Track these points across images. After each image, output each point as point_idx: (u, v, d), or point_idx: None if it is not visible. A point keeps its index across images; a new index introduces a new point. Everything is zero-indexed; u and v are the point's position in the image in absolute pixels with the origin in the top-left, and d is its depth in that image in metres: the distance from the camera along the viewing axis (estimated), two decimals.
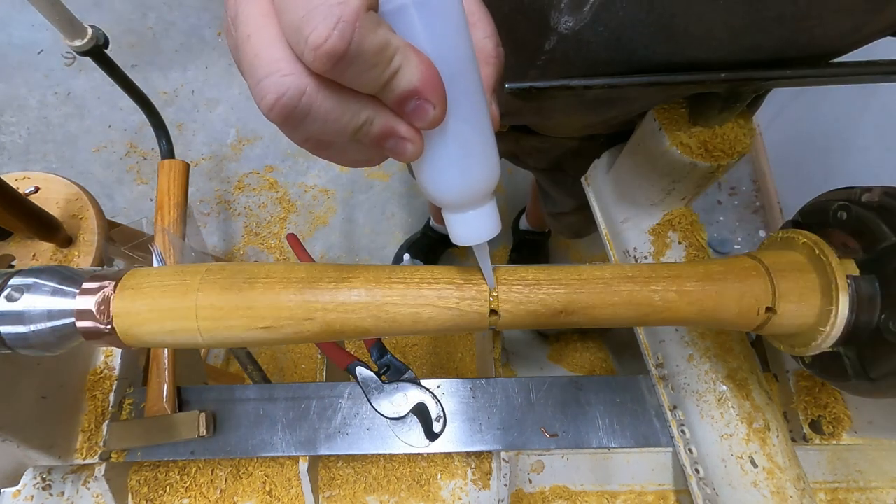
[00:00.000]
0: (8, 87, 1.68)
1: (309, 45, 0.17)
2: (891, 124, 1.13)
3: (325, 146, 0.23)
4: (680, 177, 0.46)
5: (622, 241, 0.54)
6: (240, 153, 1.64)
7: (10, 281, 0.28)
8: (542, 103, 0.48)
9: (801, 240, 0.35)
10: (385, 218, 1.58)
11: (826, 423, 0.49)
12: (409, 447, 0.49)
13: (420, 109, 0.20)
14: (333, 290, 0.29)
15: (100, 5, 1.78)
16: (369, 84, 0.19)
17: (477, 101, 0.23)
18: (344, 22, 0.16)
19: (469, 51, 0.22)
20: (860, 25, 0.32)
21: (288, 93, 0.18)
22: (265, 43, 0.18)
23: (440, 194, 0.26)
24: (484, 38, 0.24)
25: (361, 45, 0.17)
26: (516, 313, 0.31)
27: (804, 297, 0.33)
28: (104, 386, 0.53)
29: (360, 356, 0.49)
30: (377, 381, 0.49)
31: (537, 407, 0.52)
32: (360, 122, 0.20)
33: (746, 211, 1.60)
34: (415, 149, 0.22)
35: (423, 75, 0.19)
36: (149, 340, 0.29)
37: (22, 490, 0.49)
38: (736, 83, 0.36)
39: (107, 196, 1.56)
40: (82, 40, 0.72)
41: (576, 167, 0.64)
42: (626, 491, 0.52)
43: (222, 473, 0.52)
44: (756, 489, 0.42)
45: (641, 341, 0.54)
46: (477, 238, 0.28)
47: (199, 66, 1.74)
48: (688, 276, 0.32)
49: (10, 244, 0.64)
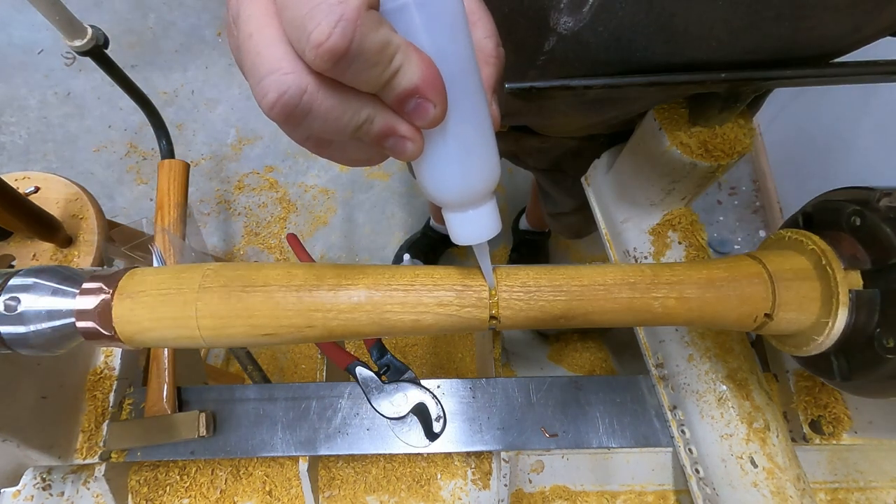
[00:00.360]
0: (8, 87, 1.68)
1: (310, 43, 0.17)
2: (891, 124, 1.13)
3: (325, 145, 0.23)
4: (680, 177, 0.46)
5: (622, 241, 0.54)
6: (240, 153, 1.64)
7: (10, 281, 0.28)
8: (542, 103, 0.48)
9: (809, 245, 0.34)
10: (385, 218, 1.58)
11: (826, 423, 0.49)
12: (409, 447, 0.49)
13: (420, 108, 0.20)
14: (333, 295, 0.29)
15: (100, 5, 1.78)
16: (370, 83, 0.19)
17: (477, 100, 0.23)
18: (345, 20, 0.16)
19: (469, 50, 0.22)
20: (860, 25, 0.32)
21: (289, 91, 0.18)
22: (266, 42, 0.18)
23: (440, 193, 0.26)
24: (484, 38, 0.24)
25: (362, 43, 0.17)
26: (516, 319, 0.31)
27: (803, 307, 0.33)
28: (104, 386, 0.53)
29: (360, 356, 0.49)
30: (377, 381, 0.49)
31: (537, 407, 0.52)
32: (361, 121, 0.20)
33: (746, 211, 1.60)
34: (415, 148, 0.22)
35: (423, 74, 0.19)
36: (148, 340, 0.29)
37: (22, 490, 0.49)
38: (736, 83, 0.36)
39: (107, 196, 1.56)
40: (82, 40, 0.72)
41: (576, 167, 0.64)
42: (626, 491, 0.52)
43: (222, 473, 0.52)
44: (756, 489, 0.42)
45: (641, 341, 0.54)
46: (477, 237, 0.28)
47: (199, 66, 1.74)
48: (689, 281, 0.32)
49: (10, 244, 0.64)
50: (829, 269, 0.32)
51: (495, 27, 0.25)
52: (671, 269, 0.33)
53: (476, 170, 0.25)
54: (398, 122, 0.21)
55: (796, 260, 0.34)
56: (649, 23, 0.32)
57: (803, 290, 0.33)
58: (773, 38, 0.32)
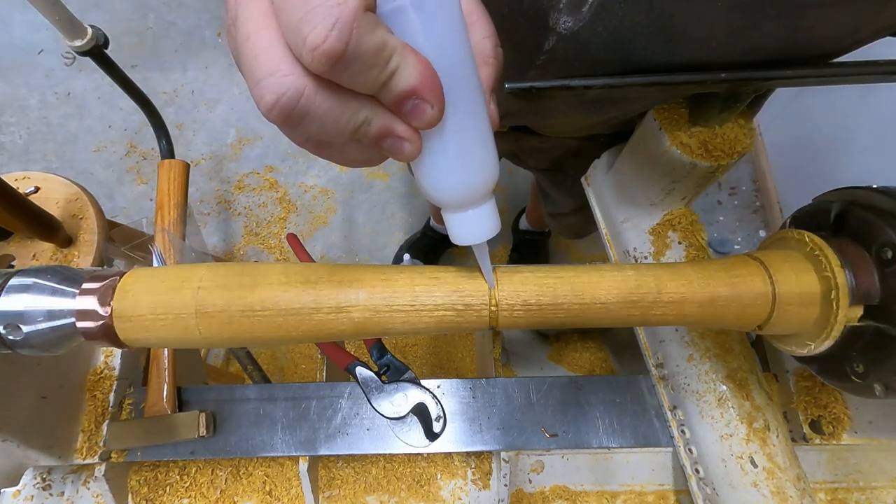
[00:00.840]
0: (8, 87, 1.68)
1: (307, 45, 0.17)
2: (891, 124, 1.13)
3: (324, 146, 0.23)
4: (680, 177, 0.46)
5: (622, 241, 0.54)
6: (240, 153, 1.64)
7: (10, 281, 0.28)
8: (542, 103, 0.48)
9: (824, 272, 0.32)
10: (385, 218, 1.58)
11: (826, 423, 0.49)
12: (409, 447, 0.49)
13: (418, 109, 0.20)
14: (334, 295, 0.29)
15: (100, 5, 1.78)
16: (367, 84, 0.19)
17: (475, 101, 0.23)
18: (342, 23, 0.16)
19: (467, 51, 0.22)
20: (860, 25, 0.32)
21: (287, 93, 0.18)
22: (264, 44, 0.18)
23: (439, 194, 0.26)
24: (483, 39, 0.25)
25: (359, 45, 0.17)
26: (516, 319, 0.31)
27: (798, 328, 0.33)
28: (104, 386, 0.53)
29: (360, 356, 0.49)
30: (377, 381, 0.49)
31: (537, 407, 0.52)
32: (359, 122, 0.20)
33: (746, 211, 1.60)
34: (413, 148, 0.22)
35: (420, 75, 0.20)
36: (148, 340, 0.29)
37: (22, 490, 0.49)
38: (736, 83, 0.36)
39: (107, 196, 1.56)
40: (82, 40, 0.72)
41: (576, 167, 0.64)
42: (626, 491, 0.52)
43: (222, 473, 0.52)
44: (756, 489, 0.42)
45: (641, 341, 0.54)
46: (476, 237, 0.28)
47: (199, 66, 1.74)
48: (692, 300, 0.31)
49: (10, 244, 0.64)
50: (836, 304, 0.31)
51: (494, 28, 0.25)
52: (675, 283, 0.32)
53: (475, 170, 0.25)
54: (396, 123, 0.21)
55: (807, 281, 0.32)
56: (649, 23, 0.32)
57: (802, 315, 0.32)
58: (773, 38, 0.32)
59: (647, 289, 0.31)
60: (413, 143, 0.22)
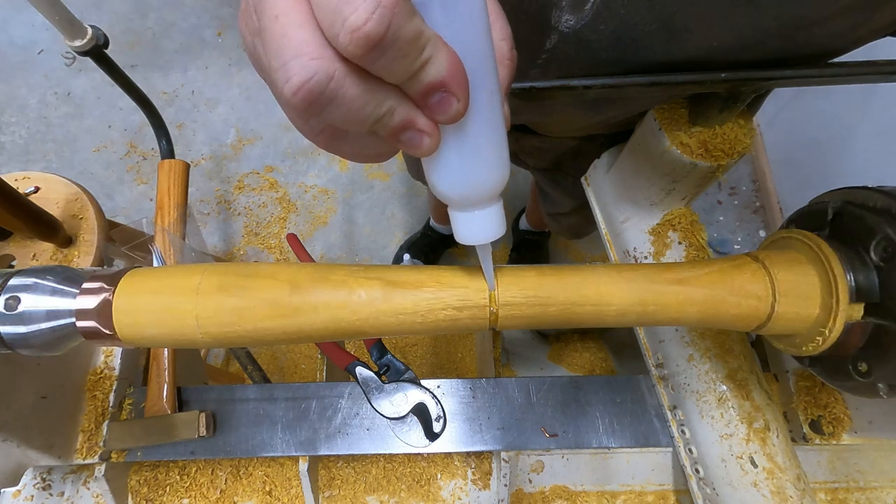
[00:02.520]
0: (8, 87, 1.68)
1: (346, 27, 0.16)
2: (891, 124, 1.13)
3: (338, 137, 0.23)
4: (680, 177, 0.46)
5: (622, 241, 0.54)
6: (240, 153, 1.64)
7: (10, 281, 0.28)
8: (542, 102, 0.48)
9: (826, 276, 0.32)
10: (385, 218, 1.58)
11: (826, 423, 0.49)
12: (409, 447, 0.49)
13: (444, 102, 0.20)
14: (334, 295, 0.29)
15: (100, 5, 1.78)
16: (398, 72, 0.19)
17: (494, 99, 0.23)
18: (383, 7, 0.16)
19: (490, 49, 0.22)
20: (859, 24, 0.32)
21: (316, 76, 0.18)
22: (295, 24, 0.18)
23: (449, 191, 0.25)
24: (500, 41, 0.24)
25: (398, 31, 0.17)
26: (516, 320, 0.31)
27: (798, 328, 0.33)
28: (104, 386, 0.53)
29: (360, 356, 0.49)
30: (377, 381, 0.49)
31: (537, 407, 0.52)
32: (382, 113, 0.20)
33: (746, 211, 1.60)
34: (431, 143, 0.22)
35: (450, 68, 0.19)
36: (149, 340, 0.29)
37: (22, 490, 0.49)
38: (736, 83, 0.36)
39: (107, 196, 1.56)
40: (82, 40, 0.72)
41: (576, 167, 0.64)
42: (626, 491, 0.52)
43: (222, 473, 0.52)
44: (756, 489, 0.42)
45: (641, 341, 0.54)
46: (481, 238, 0.28)
47: (199, 66, 1.73)
48: (691, 299, 0.31)
49: (10, 244, 0.64)
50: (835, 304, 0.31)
51: (510, 29, 0.25)
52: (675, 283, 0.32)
53: (488, 169, 0.24)
54: (418, 116, 0.21)
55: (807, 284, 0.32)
56: (650, 21, 0.32)
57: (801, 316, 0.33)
58: (774, 38, 0.33)
59: (647, 289, 0.31)
60: (432, 137, 0.21)
